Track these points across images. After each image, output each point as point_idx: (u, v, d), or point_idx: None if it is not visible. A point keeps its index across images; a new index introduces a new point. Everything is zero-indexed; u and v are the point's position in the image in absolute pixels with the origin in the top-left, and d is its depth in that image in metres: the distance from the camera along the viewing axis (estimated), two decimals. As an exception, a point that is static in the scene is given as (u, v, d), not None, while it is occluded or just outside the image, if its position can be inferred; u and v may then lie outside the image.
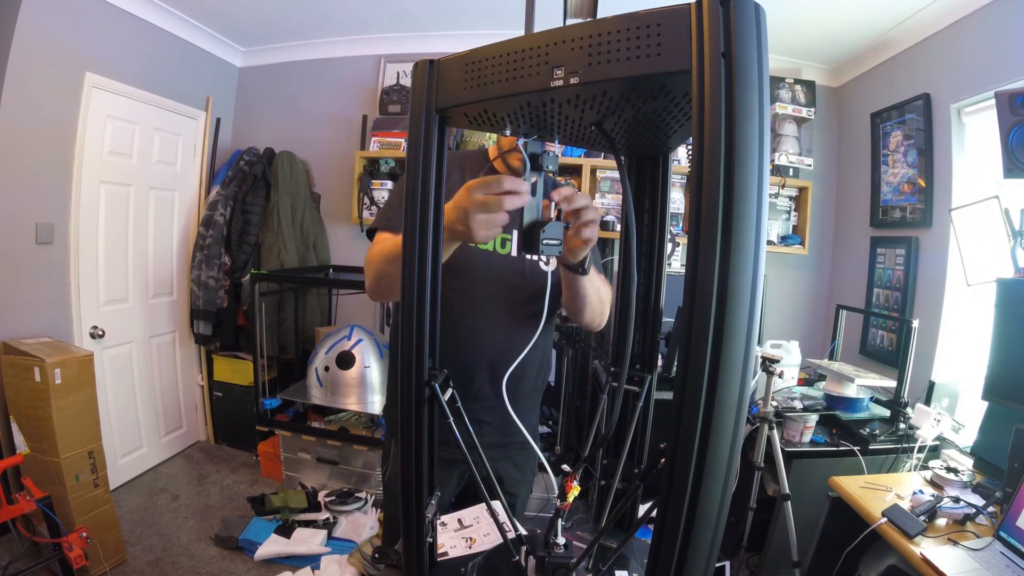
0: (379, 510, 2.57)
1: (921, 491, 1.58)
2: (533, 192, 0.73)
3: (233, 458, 3.16)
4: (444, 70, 0.63)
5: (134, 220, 2.80)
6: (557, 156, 0.74)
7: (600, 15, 0.54)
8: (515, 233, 1.12)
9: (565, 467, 0.71)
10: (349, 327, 2.73)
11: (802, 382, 2.42)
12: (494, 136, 3.02)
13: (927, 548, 1.33)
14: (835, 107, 3.01)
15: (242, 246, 3.07)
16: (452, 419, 0.72)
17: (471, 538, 1.01)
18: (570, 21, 0.67)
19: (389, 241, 1.03)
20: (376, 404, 2.61)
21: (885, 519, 1.45)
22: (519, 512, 1.29)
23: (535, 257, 1.14)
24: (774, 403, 1.91)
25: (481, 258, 1.12)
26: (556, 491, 0.87)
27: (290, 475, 2.81)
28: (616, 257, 2.93)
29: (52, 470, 1.97)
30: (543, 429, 2.60)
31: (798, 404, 2.06)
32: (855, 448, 1.90)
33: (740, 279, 0.43)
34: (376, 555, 0.91)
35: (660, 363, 0.93)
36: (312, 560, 2.20)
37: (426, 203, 0.65)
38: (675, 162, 0.90)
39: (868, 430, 1.99)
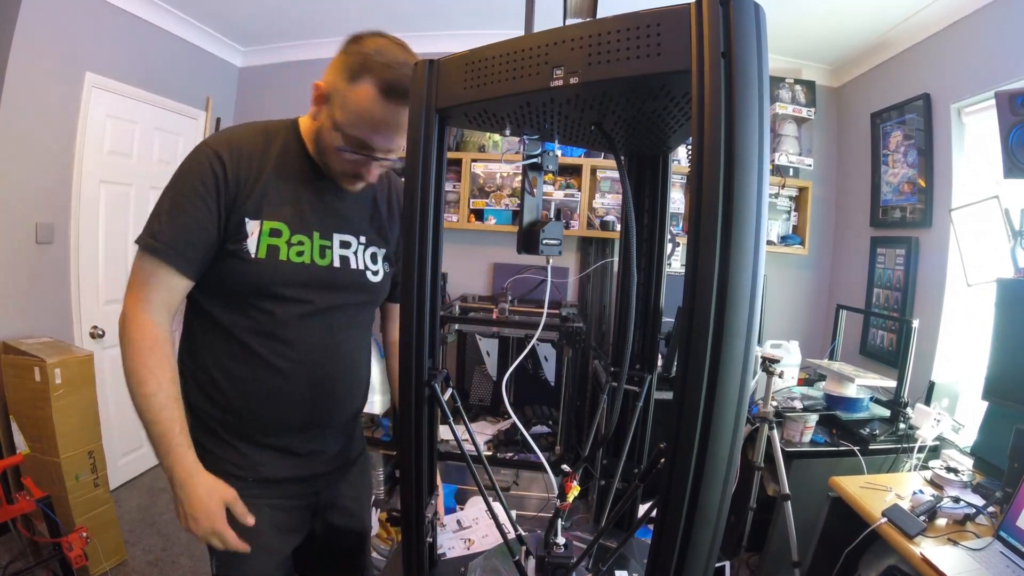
0: (379, 510, 2.56)
1: (921, 491, 1.58)
2: (533, 192, 0.73)
3: (233, 458, 3.15)
4: (444, 70, 0.63)
5: (134, 220, 2.79)
6: (557, 156, 0.74)
7: (600, 15, 0.54)
8: (335, 239, 0.97)
9: (565, 467, 0.71)
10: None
11: (802, 382, 2.41)
12: (496, 136, 3.02)
13: (927, 548, 1.33)
14: (835, 107, 3.01)
15: (242, 246, 3.06)
16: (452, 419, 0.73)
17: (470, 539, 1.01)
18: (570, 21, 0.68)
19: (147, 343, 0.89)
20: (376, 404, 2.60)
21: (885, 519, 1.45)
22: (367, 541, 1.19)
23: (358, 267, 1.00)
24: (774, 403, 1.91)
25: (299, 273, 0.93)
26: (556, 491, 0.87)
27: (290, 475, 2.81)
28: (616, 257, 2.93)
29: (52, 470, 1.97)
30: (543, 429, 2.60)
31: (798, 404, 2.06)
32: (855, 448, 1.90)
33: (740, 279, 0.44)
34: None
35: (660, 363, 0.93)
36: (312, 560, 2.20)
37: (426, 203, 0.65)
38: (675, 162, 0.90)
39: (868, 430, 1.99)
